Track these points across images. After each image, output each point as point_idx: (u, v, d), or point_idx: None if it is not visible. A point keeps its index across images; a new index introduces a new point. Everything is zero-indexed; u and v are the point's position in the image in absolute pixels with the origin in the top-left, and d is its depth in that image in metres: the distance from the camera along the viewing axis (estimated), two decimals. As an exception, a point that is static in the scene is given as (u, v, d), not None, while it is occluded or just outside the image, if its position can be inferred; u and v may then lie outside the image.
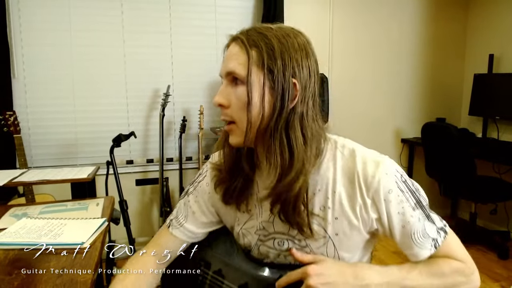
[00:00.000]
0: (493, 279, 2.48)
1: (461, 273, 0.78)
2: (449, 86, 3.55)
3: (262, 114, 0.72)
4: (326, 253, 0.79)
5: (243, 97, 0.72)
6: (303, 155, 0.72)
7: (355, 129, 3.19)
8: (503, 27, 3.18)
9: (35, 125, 2.54)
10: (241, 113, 0.73)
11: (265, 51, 0.71)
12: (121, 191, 2.26)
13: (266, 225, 0.83)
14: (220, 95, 0.74)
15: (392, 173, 0.75)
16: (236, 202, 0.84)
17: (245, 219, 0.86)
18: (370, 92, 3.32)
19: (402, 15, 3.32)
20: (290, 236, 0.81)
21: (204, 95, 2.88)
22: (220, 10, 2.85)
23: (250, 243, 0.87)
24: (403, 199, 0.75)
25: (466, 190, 2.84)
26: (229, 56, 0.74)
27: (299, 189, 0.72)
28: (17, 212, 1.29)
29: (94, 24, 2.59)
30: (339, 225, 0.77)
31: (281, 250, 0.83)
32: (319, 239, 0.78)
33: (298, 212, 0.74)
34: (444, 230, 0.80)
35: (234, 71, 0.72)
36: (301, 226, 0.76)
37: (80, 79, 2.60)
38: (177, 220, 0.91)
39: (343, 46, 3.18)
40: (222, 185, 0.84)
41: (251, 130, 0.73)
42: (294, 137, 0.72)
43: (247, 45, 0.72)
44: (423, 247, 0.77)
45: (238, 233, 0.88)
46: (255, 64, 0.71)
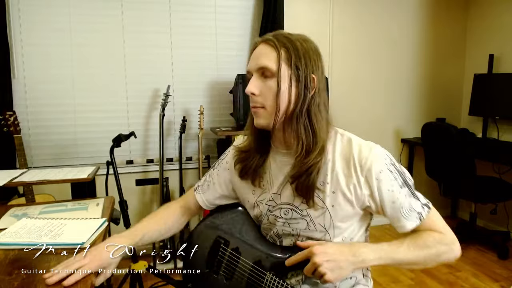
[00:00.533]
0: (493, 279, 2.48)
1: (442, 242, 0.91)
2: (449, 86, 3.55)
3: (289, 102, 0.89)
4: (324, 222, 0.93)
5: (273, 87, 0.88)
6: (324, 136, 0.91)
7: (355, 129, 3.14)
8: (503, 27, 3.18)
9: (35, 125, 2.54)
10: (270, 100, 0.89)
11: (292, 51, 0.88)
12: (121, 191, 2.25)
13: (275, 197, 0.98)
14: (252, 86, 0.90)
15: (382, 157, 0.90)
16: (251, 177, 1.01)
17: (260, 192, 1.02)
18: (370, 92, 3.32)
19: (402, 15, 3.32)
20: (294, 206, 0.96)
21: (204, 95, 2.88)
22: (220, 10, 2.85)
23: (261, 213, 1.02)
24: (392, 178, 0.89)
25: (466, 190, 2.84)
26: (259, 54, 0.90)
27: (318, 164, 0.89)
28: (17, 212, 1.29)
29: (94, 24, 2.59)
30: (335, 198, 0.91)
31: (286, 218, 0.97)
32: (318, 209, 0.92)
33: (311, 184, 0.89)
34: (428, 206, 0.94)
35: (267, 66, 0.88)
36: (308, 197, 0.91)
37: (80, 79, 2.61)
38: (202, 188, 1.14)
39: (343, 46, 3.18)
40: (241, 163, 1.02)
41: (278, 114, 0.89)
42: (316, 120, 0.90)
43: (277, 45, 0.88)
44: (410, 219, 0.91)
45: (253, 204, 1.04)
46: (284, 61, 0.88)
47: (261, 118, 0.91)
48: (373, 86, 3.32)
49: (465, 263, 2.71)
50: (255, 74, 0.90)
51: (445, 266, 2.68)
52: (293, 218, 0.96)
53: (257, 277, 0.98)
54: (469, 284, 2.44)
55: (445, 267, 2.66)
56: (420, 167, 3.37)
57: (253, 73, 0.91)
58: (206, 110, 2.78)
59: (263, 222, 1.02)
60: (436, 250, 0.90)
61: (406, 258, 0.89)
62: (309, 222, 0.94)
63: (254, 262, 0.99)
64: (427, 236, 0.91)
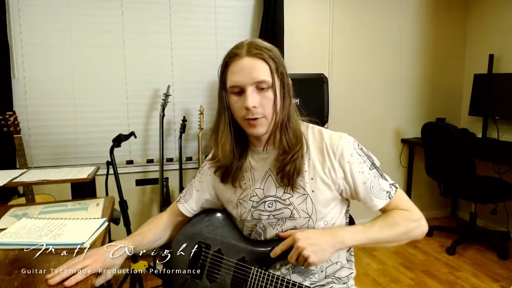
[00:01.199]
0: (493, 279, 2.48)
1: (409, 219, 0.99)
2: (449, 86, 3.55)
3: (281, 108, 0.97)
4: (306, 208, 0.99)
5: (271, 98, 0.95)
6: (301, 130, 1.00)
7: (355, 129, 3.19)
8: (503, 27, 3.18)
9: (35, 125, 2.54)
10: (270, 109, 0.95)
11: (277, 61, 0.95)
12: (121, 191, 2.25)
13: (258, 191, 1.04)
14: (253, 100, 0.93)
15: (351, 142, 1.00)
16: (232, 179, 1.06)
17: (241, 191, 1.07)
18: (370, 92, 3.32)
19: (402, 15, 3.32)
20: (277, 197, 1.02)
21: (204, 95, 2.88)
22: (220, 10, 2.85)
23: (245, 210, 1.06)
24: (361, 161, 0.99)
25: (466, 190, 2.84)
26: (251, 68, 0.93)
27: (300, 153, 0.98)
28: (17, 212, 1.29)
29: (94, 24, 2.59)
30: (314, 184, 0.99)
31: (271, 211, 1.03)
32: (300, 196, 0.99)
33: (298, 170, 0.97)
34: (395, 186, 1.03)
35: (264, 80, 0.93)
36: (292, 184, 0.98)
37: (80, 79, 2.61)
38: (184, 198, 1.17)
39: (343, 46, 3.18)
40: (221, 169, 1.07)
41: (274, 120, 0.97)
42: (294, 118, 1.00)
43: (265, 58, 0.94)
44: (380, 197, 1.00)
45: (236, 203, 1.08)
46: (274, 72, 0.94)
47: (262, 127, 0.96)
48: (373, 86, 3.32)
49: (465, 263, 2.71)
50: (250, 88, 0.93)
51: (445, 266, 2.68)
52: (277, 209, 1.01)
53: (243, 273, 1.01)
54: (469, 284, 2.44)
55: (445, 267, 2.66)
56: (420, 167, 3.37)
57: (246, 87, 0.93)
58: (206, 110, 2.78)
59: (247, 219, 1.06)
60: (405, 227, 0.98)
61: (380, 236, 0.97)
62: (293, 210, 1.00)
63: (238, 259, 1.03)
64: (396, 215, 0.99)
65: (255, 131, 0.97)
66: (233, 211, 1.09)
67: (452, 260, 2.76)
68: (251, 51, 0.94)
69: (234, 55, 0.95)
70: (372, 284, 2.45)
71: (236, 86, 0.94)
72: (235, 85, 0.95)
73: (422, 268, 2.65)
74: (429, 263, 2.72)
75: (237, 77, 0.94)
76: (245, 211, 1.06)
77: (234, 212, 1.09)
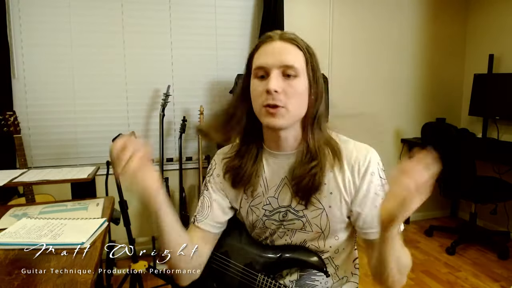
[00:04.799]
0: (493, 279, 2.48)
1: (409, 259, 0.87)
2: (449, 86, 3.55)
3: (307, 104, 0.88)
4: (320, 223, 0.92)
5: (297, 88, 0.85)
6: (328, 139, 0.91)
7: (355, 129, 3.15)
8: (503, 27, 3.18)
9: (35, 125, 2.54)
10: (294, 100, 0.85)
11: (311, 54, 0.88)
12: (121, 191, 2.25)
13: (272, 200, 0.95)
14: (275, 84, 0.83)
15: (376, 161, 0.91)
16: (244, 184, 0.95)
17: (253, 197, 0.97)
18: (370, 92, 3.32)
19: (402, 15, 3.32)
20: (291, 208, 0.93)
21: (204, 95, 2.88)
22: (220, 10, 2.85)
23: (257, 218, 0.97)
24: (380, 184, 0.90)
25: (466, 190, 2.83)
26: (281, 51, 0.85)
27: (322, 167, 0.88)
28: (17, 212, 1.29)
29: (94, 24, 2.59)
30: (332, 199, 0.90)
31: (283, 221, 0.95)
32: (315, 210, 0.91)
33: (315, 186, 0.88)
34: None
35: (293, 65, 0.84)
36: (308, 199, 0.90)
37: (80, 79, 2.60)
38: (202, 214, 0.98)
39: (343, 46, 3.18)
40: (232, 172, 0.96)
41: (297, 115, 0.87)
42: (322, 123, 0.90)
43: (300, 45, 0.87)
44: None
45: (247, 210, 0.99)
46: (308, 62, 0.86)
47: (281, 119, 0.85)
48: (373, 86, 3.32)
49: (465, 263, 2.71)
50: (276, 71, 0.84)
51: (445, 266, 2.68)
52: (289, 219, 0.94)
53: (249, 279, 0.97)
54: (469, 284, 2.44)
55: (445, 267, 2.66)
56: (420, 167, 3.36)
57: (272, 70, 0.84)
58: (206, 110, 2.78)
59: (258, 226, 0.99)
60: (404, 261, 0.84)
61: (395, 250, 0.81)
62: (305, 223, 0.93)
63: (245, 264, 0.98)
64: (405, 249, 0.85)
65: (272, 121, 0.85)
66: (243, 216, 1.02)
67: (452, 260, 2.76)
68: (285, 35, 0.87)
69: (267, 38, 0.88)
70: (372, 284, 2.44)
71: (261, 68, 0.85)
72: (260, 66, 0.85)
73: (422, 268, 2.65)
74: (429, 263, 2.72)
75: (264, 59, 0.85)
76: (256, 218, 0.98)
77: (244, 217, 1.02)
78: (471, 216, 3.07)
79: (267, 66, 0.85)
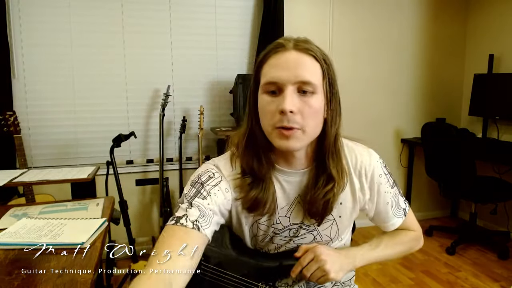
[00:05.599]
0: (493, 279, 2.48)
1: (415, 239, 1.00)
2: (449, 86, 3.55)
3: (324, 122, 0.80)
4: (330, 233, 0.92)
5: (315, 106, 0.76)
6: (344, 159, 0.86)
7: (355, 129, 3.15)
8: (503, 27, 3.18)
9: (35, 125, 2.54)
10: (310, 121, 0.76)
11: (328, 64, 0.79)
12: (121, 191, 2.26)
13: (283, 219, 0.89)
14: (291, 103, 0.74)
15: (379, 161, 0.92)
16: (253, 207, 0.84)
17: (260, 216, 0.87)
18: (370, 92, 3.32)
19: (402, 15, 3.32)
20: (304, 224, 0.90)
21: (204, 95, 2.88)
22: (220, 10, 2.85)
23: (264, 233, 0.90)
24: (386, 181, 0.92)
25: (466, 190, 2.83)
26: (297, 64, 0.75)
27: (337, 193, 0.84)
28: (17, 212, 1.29)
29: (94, 24, 2.59)
30: (342, 209, 0.89)
31: (292, 236, 0.91)
32: (325, 222, 0.89)
33: (329, 209, 0.84)
34: (407, 201, 1.00)
35: (310, 82, 0.75)
36: (322, 219, 0.86)
37: (80, 79, 2.60)
38: (205, 221, 0.80)
39: (343, 46, 3.18)
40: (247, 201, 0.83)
41: (314, 135, 0.79)
42: (340, 142, 0.84)
43: (318, 57, 0.77)
44: (398, 216, 0.96)
45: (251, 225, 0.90)
46: (326, 76, 0.78)
47: (296, 142, 0.76)
48: (373, 86, 3.32)
49: (465, 263, 2.71)
50: (291, 88, 0.74)
51: (445, 266, 2.68)
52: (301, 234, 0.91)
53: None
54: (469, 284, 2.44)
55: (445, 267, 2.66)
56: (420, 167, 3.37)
57: (286, 86, 0.74)
58: (206, 110, 2.78)
59: (264, 240, 0.92)
60: (409, 245, 0.99)
61: (384, 254, 0.95)
62: (316, 236, 0.92)
63: (242, 274, 0.90)
64: (404, 235, 0.99)
65: (285, 144, 0.76)
66: (245, 230, 0.91)
67: (452, 260, 2.76)
68: (299, 45, 0.77)
69: (279, 46, 0.77)
70: (372, 284, 2.45)
71: (273, 83, 0.75)
72: (272, 81, 0.75)
73: (422, 268, 2.65)
74: (429, 263, 2.72)
75: (277, 72, 0.75)
76: (263, 234, 0.90)
77: (246, 230, 0.91)
78: (471, 216, 3.07)
79: (280, 82, 0.75)
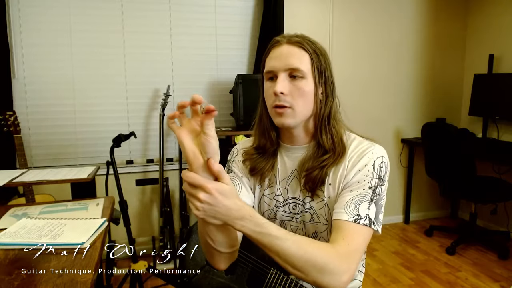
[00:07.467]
0: (493, 279, 2.48)
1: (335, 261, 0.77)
2: (449, 86, 3.55)
3: (315, 104, 0.94)
4: (325, 214, 0.96)
5: (303, 89, 0.91)
6: (342, 138, 0.96)
7: (355, 129, 3.18)
8: (503, 27, 3.18)
9: (35, 125, 2.54)
10: (299, 100, 0.91)
11: (319, 54, 0.93)
12: (121, 191, 2.25)
13: (282, 191, 1.01)
14: (282, 86, 0.90)
15: (379, 158, 0.92)
16: (260, 175, 1.02)
17: (265, 187, 1.04)
18: (370, 92, 3.32)
19: (402, 15, 3.32)
20: (299, 200, 0.99)
21: (204, 95, 2.88)
22: (220, 10, 2.85)
23: (269, 208, 1.03)
24: (368, 175, 0.90)
25: (466, 190, 2.84)
26: (288, 54, 0.91)
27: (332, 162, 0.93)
28: (17, 212, 1.29)
29: (94, 24, 2.59)
30: (331, 190, 0.95)
31: (294, 213, 1.00)
32: (319, 202, 0.96)
33: (323, 178, 0.93)
34: (372, 223, 0.86)
35: (298, 68, 0.90)
36: (314, 191, 0.95)
37: (80, 79, 2.61)
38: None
39: (343, 46, 3.18)
40: (250, 161, 1.02)
41: (305, 114, 0.93)
42: (336, 122, 0.96)
43: (306, 47, 0.91)
44: (348, 212, 0.86)
45: (259, 198, 1.05)
46: (314, 64, 0.91)
47: (288, 118, 0.92)
48: (373, 86, 3.32)
49: (465, 263, 2.71)
50: (283, 74, 0.91)
51: (445, 266, 2.68)
52: (300, 211, 0.99)
53: (260, 271, 1.00)
54: (469, 284, 2.44)
55: (445, 267, 2.66)
56: (420, 167, 3.37)
57: (279, 73, 0.91)
58: (206, 110, 2.78)
59: (269, 217, 1.03)
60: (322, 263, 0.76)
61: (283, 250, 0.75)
62: (313, 215, 0.98)
63: (257, 256, 1.00)
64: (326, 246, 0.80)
65: (280, 120, 0.92)
66: (256, 206, 1.06)
67: (452, 260, 2.76)
68: (292, 39, 0.93)
69: (275, 42, 0.95)
70: (372, 284, 2.45)
71: (270, 72, 0.93)
72: (269, 70, 0.93)
73: (422, 268, 2.65)
74: (429, 263, 2.72)
75: (272, 63, 0.93)
76: (268, 208, 1.04)
77: (256, 208, 1.06)
78: (471, 216, 3.07)
79: (274, 70, 0.92)
